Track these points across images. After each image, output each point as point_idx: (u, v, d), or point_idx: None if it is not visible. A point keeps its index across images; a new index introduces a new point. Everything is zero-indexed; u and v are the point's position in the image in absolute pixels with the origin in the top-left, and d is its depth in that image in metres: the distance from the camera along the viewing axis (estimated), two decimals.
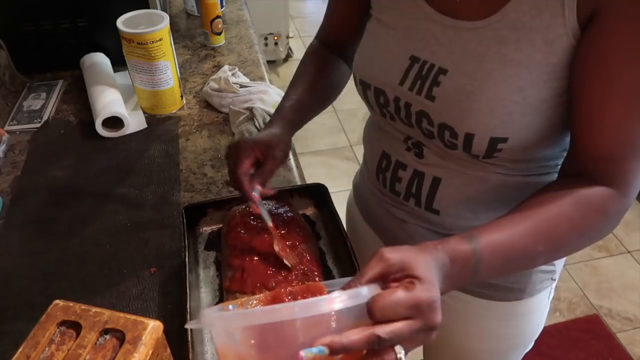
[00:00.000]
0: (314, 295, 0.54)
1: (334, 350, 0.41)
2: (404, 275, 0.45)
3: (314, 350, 0.41)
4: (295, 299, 0.55)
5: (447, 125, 0.62)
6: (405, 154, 0.72)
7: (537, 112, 0.59)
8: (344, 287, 0.46)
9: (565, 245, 0.58)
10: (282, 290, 0.55)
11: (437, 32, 0.63)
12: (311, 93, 0.82)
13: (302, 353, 0.41)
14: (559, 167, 0.69)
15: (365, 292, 0.44)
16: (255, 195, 0.70)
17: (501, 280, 0.75)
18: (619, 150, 0.57)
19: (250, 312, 0.47)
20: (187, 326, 0.52)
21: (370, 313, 0.43)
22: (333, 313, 0.44)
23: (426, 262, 0.47)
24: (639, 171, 0.58)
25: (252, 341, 0.45)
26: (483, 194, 0.69)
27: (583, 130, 0.58)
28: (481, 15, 0.59)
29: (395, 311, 0.43)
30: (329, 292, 0.54)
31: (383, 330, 0.42)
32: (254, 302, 0.54)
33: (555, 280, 0.80)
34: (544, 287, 0.78)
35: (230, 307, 0.53)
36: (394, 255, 0.46)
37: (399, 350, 0.43)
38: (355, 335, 0.42)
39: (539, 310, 0.82)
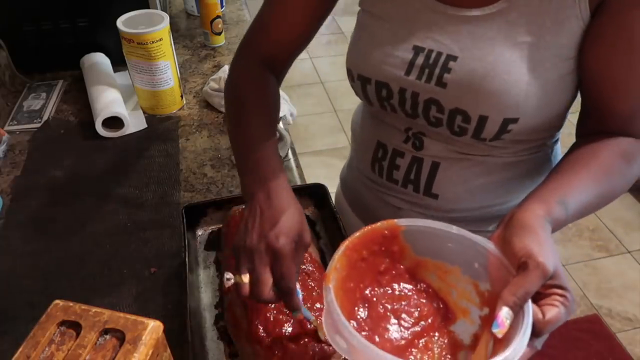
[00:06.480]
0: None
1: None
2: (553, 285, 0.46)
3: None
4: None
5: (460, 110, 0.63)
6: (402, 144, 0.73)
7: (549, 91, 0.61)
8: (507, 305, 0.45)
9: (614, 196, 0.61)
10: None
11: (441, 22, 0.63)
12: (273, 132, 0.70)
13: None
14: (546, 145, 0.73)
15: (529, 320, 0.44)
16: (300, 298, 0.58)
17: None
18: None
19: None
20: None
21: (537, 334, 0.44)
22: None
23: (559, 264, 0.47)
24: None
25: None
26: (480, 176, 0.71)
27: (608, 94, 0.61)
28: (486, 2, 0.60)
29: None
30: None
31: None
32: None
33: None
34: None
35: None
36: (551, 264, 0.45)
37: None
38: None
39: None
